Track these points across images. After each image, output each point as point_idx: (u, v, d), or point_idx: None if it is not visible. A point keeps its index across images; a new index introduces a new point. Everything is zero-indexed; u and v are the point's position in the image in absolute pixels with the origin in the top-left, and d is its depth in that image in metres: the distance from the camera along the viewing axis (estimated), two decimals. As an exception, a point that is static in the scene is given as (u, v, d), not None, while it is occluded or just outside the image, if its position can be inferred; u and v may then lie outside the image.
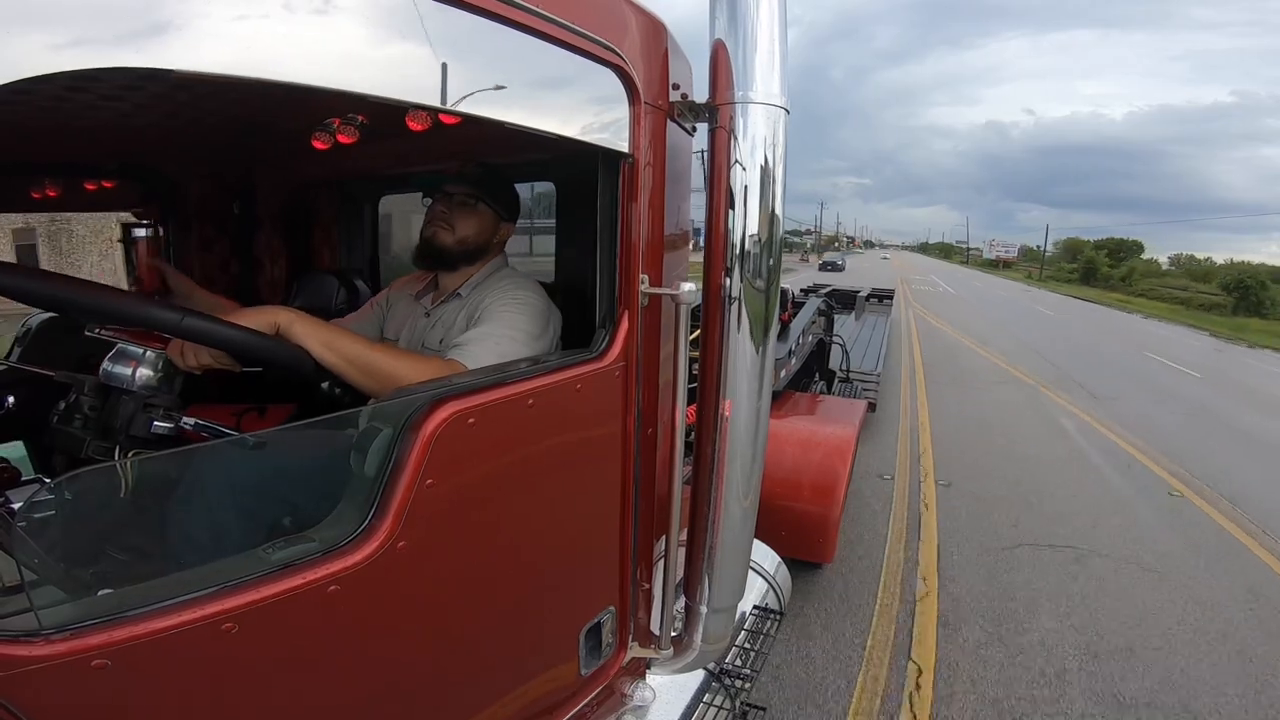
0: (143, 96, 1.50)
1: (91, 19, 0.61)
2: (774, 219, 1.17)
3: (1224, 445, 7.50)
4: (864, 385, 6.44)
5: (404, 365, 1.19)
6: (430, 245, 1.54)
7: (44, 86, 1.14)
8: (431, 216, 1.54)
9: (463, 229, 1.53)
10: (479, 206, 1.54)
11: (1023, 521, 4.78)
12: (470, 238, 1.54)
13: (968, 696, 2.92)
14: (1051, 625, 3.50)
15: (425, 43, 0.87)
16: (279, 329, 1.10)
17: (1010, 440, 6.85)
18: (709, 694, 1.74)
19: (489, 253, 1.59)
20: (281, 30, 0.74)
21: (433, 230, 1.53)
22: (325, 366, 1.13)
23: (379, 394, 1.16)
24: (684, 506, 1.35)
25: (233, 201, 2.42)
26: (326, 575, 0.81)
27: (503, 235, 1.61)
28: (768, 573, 2.42)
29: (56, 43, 0.59)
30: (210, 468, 1.01)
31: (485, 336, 1.33)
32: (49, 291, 0.99)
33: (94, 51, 0.61)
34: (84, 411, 1.09)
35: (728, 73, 1.14)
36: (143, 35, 0.65)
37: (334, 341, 1.14)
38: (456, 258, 1.54)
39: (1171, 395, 10.31)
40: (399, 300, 1.75)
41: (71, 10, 0.60)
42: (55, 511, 0.77)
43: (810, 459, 3.46)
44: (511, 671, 1.19)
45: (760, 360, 1.22)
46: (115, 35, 0.63)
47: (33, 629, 0.64)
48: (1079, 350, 14.89)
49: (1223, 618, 3.72)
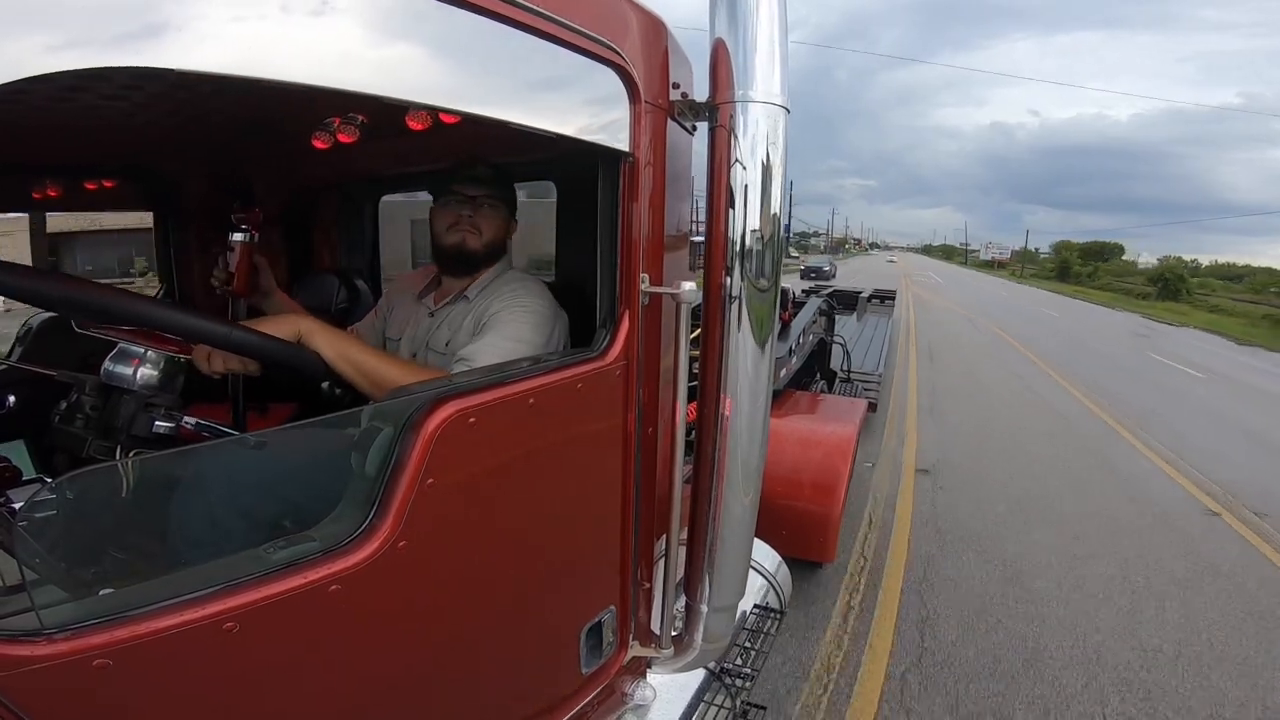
0: (143, 96, 1.50)
1: (91, 18, 0.61)
2: (774, 218, 1.17)
3: (1046, 334, 18.43)
4: (865, 385, 6.44)
5: (413, 376, 1.19)
6: (461, 251, 1.53)
7: (44, 86, 1.14)
8: (455, 221, 1.52)
9: (489, 232, 1.54)
10: (499, 208, 1.55)
11: (951, 347, 14.02)
12: (494, 239, 1.55)
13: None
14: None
15: (426, 42, 0.87)
16: (300, 336, 1.15)
17: (954, 332, 17.12)
18: (710, 693, 1.74)
19: (505, 251, 1.61)
20: (283, 30, 0.74)
21: (461, 236, 1.52)
22: (338, 374, 1.17)
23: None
24: (684, 505, 1.35)
25: (233, 201, 2.42)
26: (327, 575, 0.81)
27: (511, 232, 1.63)
28: (768, 572, 2.42)
29: (56, 43, 0.59)
30: (211, 467, 1.01)
31: (492, 348, 1.33)
32: (91, 301, 0.98)
33: (93, 51, 0.61)
34: (85, 411, 1.09)
35: (728, 72, 1.14)
36: (142, 35, 0.65)
37: (349, 352, 1.18)
38: (482, 260, 1.55)
39: (1041, 324, 21.81)
40: (399, 300, 1.75)
41: (71, 9, 0.60)
42: (56, 511, 0.77)
43: (811, 458, 3.46)
44: (512, 671, 1.19)
45: (761, 359, 1.22)
46: (114, 35, 0.63)
47: (34, 628, 0.64)
48: (1006, 309, 26.94)
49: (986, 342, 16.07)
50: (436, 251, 1.58)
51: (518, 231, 1.66)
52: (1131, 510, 5.29)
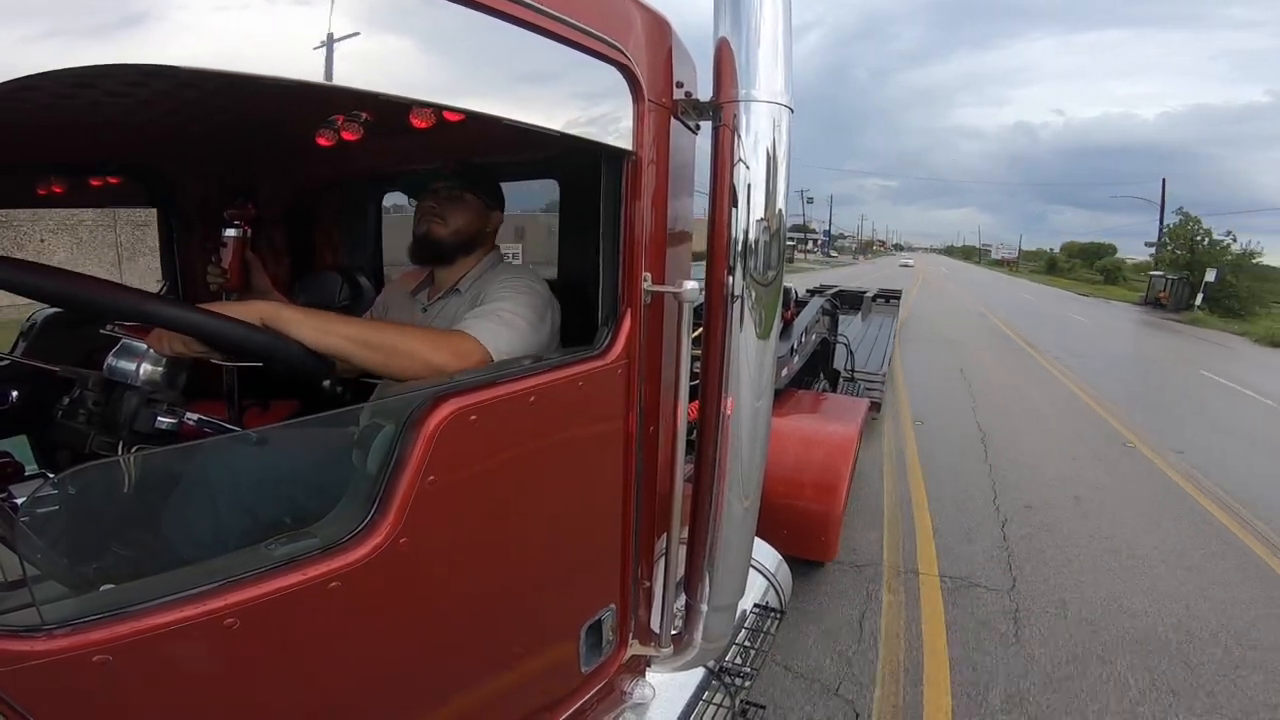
0: (146, 93, 1.50)
1: (92, 17, 0.61)
2: (777, 217, 1.17)
3: (988, 290, 38.55)
4: (868, 385, 6.43)
5: (408, 335, 1.20)
6: (426, 240, 1.55)
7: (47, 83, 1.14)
8: (422, 213, 1.56)
9: (454, 220, 1.55)
10: (466, 197, 1.56)
11: (938, 287, 38.22)
12: (463, 227, 1.56)
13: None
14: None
15: (429, 39, 0.87)
16: (263, 321, 1.07)
17: (942, 288, 37.63)
18: (709, 692, 1.74)
19: (482, 243, 1.61)
20: (285, 27, 0.74)
21: (426, 225, 1.55)
22: (325, 352, 1.10)
23: (386, 370, 1.16)
24: (685, 504, 1.35)
25: (235, 199, 2.42)
26: (328, 571, 0.82)
27: (494, 224, 1.63)
28: (769, 571, 2.41)
29: (55, 42, 0.59)
30: (213, 464, 1.01)
31: (489, 313, 1.34)
32: (23, 281, 0.96)
33: (94, 49, 0.61)
34: (88, 407, 1.09)
35: (731, 71, 1.14)
36: (141, 35, 0.65)
37: (328, 325, 1.11)
38: (452, 249, 1.56)
39: (988, 288, 41.55)
40: (394, 299, 1.76)
41: (71, 8, 0.60)
42: (58, 506, 0.77)
43: (812, 457, 3.46)
44: (512, 669, 1.19)
45: (762, 358, 1.22)
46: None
47: (35, 624, 0.64)
48: (976, 284, 45.60)
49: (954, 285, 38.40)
50: (411, 245, 1.61)
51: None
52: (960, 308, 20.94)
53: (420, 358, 1.17)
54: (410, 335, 1.21)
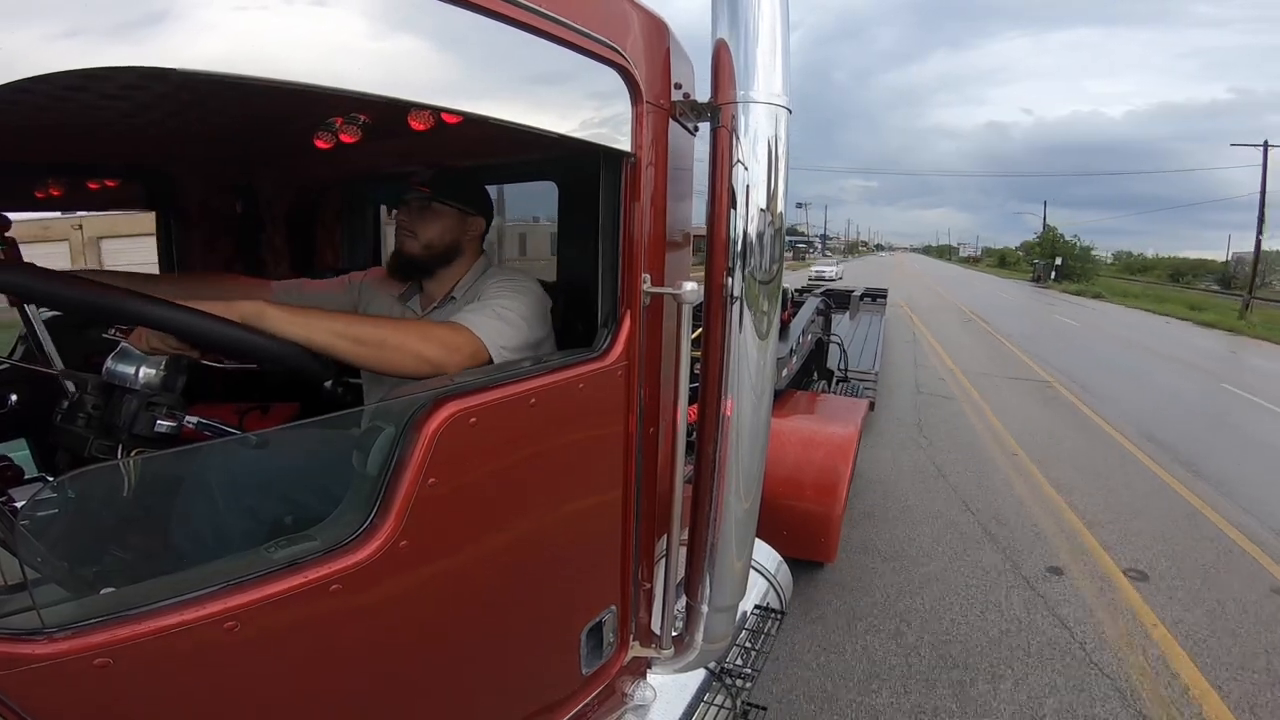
0: (146, 96, 1.50)
1: (91, 17, 0.61)
2: (776, 218, 1.17)
3: (935, 277, 52.08)
4: (864, 384, 6.42)
5: (399, 328, 1.18)
6: (399, 257, 1.53)
7: (44, 85, 1.14)
8: (396, 228, 1.54)
9: (426, 233, 1.50)
10: (435, 206, 1.51)
11: (901, 271, 55.27)
12: (435, 240, 1.51)
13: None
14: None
15: (427, 41, 0.87)
16: (244, 319, 1.05)
17: (908, 270, 58.78)
18: (710, 693, 1.74)
19: (463, 251, 1.56)
20: (284, 31, 0.74)
21: (400, 241, 1.52)
22: (313, 348, 1.08)
23: (377, 365, 1.15)
24: (685, 506, 1.35)
25: (235, 200, 2.42)
26: (328, 574, 0.81)
27: (474, 230, 1.57)
28: (769, 572, 2.41)
29: (54, 42, 0.59)
30: (213, 467, 1.01)
31: (483, 308, 1.33)
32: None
33: (94, 50, 0.61)
34: (87, 410, 1.09)
35: (730, 72, 1.14)
36: (140, 34, 0.65)
37: (314, 322, 1.09)
38: (428, 263, 1.53)
39: (938, 275, 55.70)
40: (377, 296, 1.70)
41: (70, 8, 0.60)
42: (58, 510, 0.77)
43: (812, 458, 3.45)
44: (512, 671, 1.19)
45: (762, 359, 1.22)
46: (113, 34, 0.63)
47: (35, 627, 0.64)
48: (932, 273, 60.19)
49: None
50: (388, 261, 1.59)
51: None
52: (916, 282, 35.91)
53: (411, 350, 1.15)
54: (400, 328, 1.19)
